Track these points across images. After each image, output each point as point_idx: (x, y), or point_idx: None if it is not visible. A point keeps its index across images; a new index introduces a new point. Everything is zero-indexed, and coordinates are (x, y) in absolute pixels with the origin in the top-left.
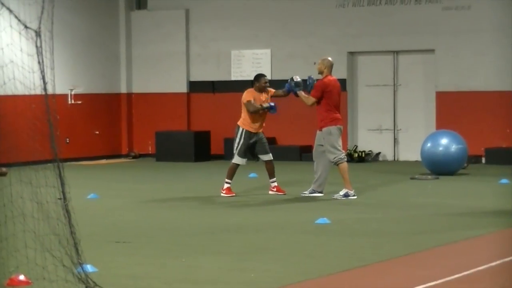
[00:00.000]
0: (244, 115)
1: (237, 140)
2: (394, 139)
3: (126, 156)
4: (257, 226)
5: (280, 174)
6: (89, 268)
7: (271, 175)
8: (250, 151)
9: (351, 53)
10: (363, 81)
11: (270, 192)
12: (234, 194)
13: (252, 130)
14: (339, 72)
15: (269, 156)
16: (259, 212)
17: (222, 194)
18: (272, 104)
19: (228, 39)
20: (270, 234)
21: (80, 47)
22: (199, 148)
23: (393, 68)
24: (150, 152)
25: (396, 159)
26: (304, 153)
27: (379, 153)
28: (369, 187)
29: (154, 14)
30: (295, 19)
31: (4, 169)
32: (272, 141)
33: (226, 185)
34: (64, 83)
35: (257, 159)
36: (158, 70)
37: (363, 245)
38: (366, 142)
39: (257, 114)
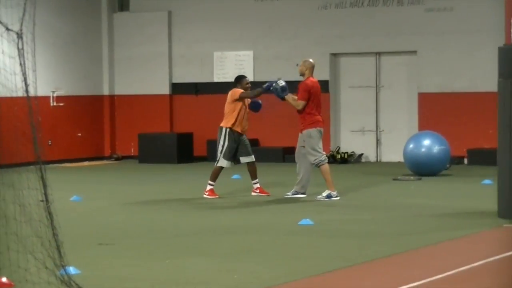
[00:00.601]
0: (229, 116)
1: (221, 142)
2: (377, 140)
3: (109, 158)
4: (242, 227)
5: (263, 175)
6: (72, 270)
7: (254, 176)
8: (233, 154)
9: (334, 55)
10: (346, 82)
11: (253, 194)
12: (217, 196)
13: (240, 130)
14: (322, 74)
15: (251, 158)
16: (243, 213)
17: (205, 196)
18: (268, 85)
19: (211, 41)
20: (255, 235)
21: (62, 49)
22: (182, 150)
23: (376, 69)
24: (132, 154)
25: (378, 160)
26: (287, 155)
27: (362, 154)
28: (352, 189)
29: (136, 16)
30: (278, 21)
31: None
32: (255, 142)
33: (209, 187)
34: (46, 85)
35: (237, 162)
36: (141, 72)
37: (347, 246)
38: (348, 143)
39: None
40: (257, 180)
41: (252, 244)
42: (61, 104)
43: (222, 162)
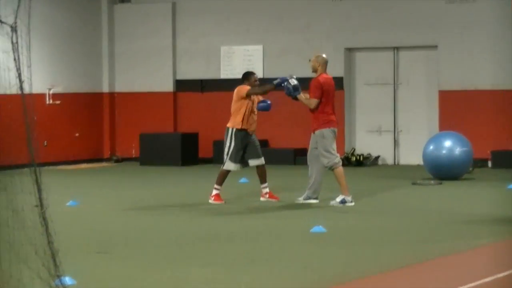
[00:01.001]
0: (236, 115)
1: (227, 143)
2: (395, 141)
3: (108, 160)
4: (249, 235)
5: (273, 178)
6: (67, 280)
7: (263, 180)
8: (241, 156)
9: (349, 49)
10: (361, 79)
11: (262, 199)
12: (223, 202)
13: (248, 129)
14: (336, 70)
15: (261, 160)
16: (251, 220)
17: (210, 201)
18: (279, 81)
19: (217, 34)
20: (263, 243)
21: (59, 43)
22: (187, 151)
23: (393, 65)
24: (133, 156)
25: (396, 163)
26: (298, 157)
27: (379, 156)
28: (368, 193)
29: (138, 8)
30: (289, 13)
31: None
32: (264, 143)
33: (215, 192)
34: (42, 81)
35: (245, 165)
36: (143, 67)
37: (361, 255)
38: (364, 144)
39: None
40: (266, 184)
41: (260, 252)
42: (58, 102)
43: (229, 165)
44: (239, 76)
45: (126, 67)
